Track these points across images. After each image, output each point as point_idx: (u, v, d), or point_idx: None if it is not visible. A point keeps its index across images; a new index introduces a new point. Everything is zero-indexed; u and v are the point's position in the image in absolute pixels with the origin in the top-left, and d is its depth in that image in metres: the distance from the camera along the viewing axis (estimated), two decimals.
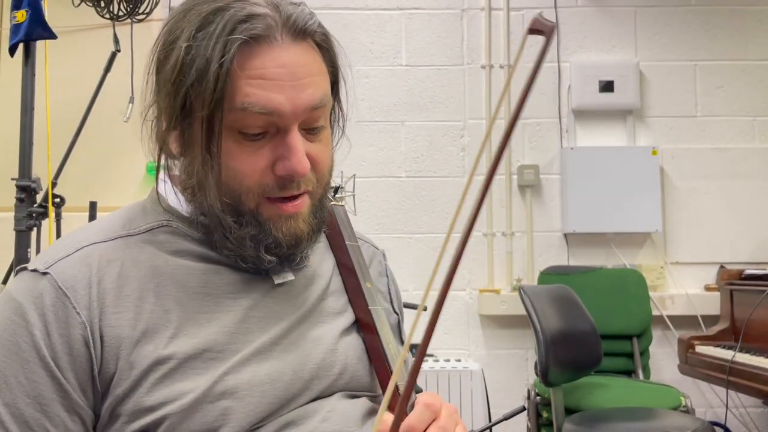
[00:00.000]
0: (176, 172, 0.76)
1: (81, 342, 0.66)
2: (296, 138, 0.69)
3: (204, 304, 0.70)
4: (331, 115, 0.78)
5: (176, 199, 0.76)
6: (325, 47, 0.74)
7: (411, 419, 0.65)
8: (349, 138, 0.81)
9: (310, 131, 0.72)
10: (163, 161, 0.74)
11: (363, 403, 0.75)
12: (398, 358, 0.75)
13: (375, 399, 0.78)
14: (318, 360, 0.73)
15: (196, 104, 0.68)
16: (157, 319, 0.68)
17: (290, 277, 0.76)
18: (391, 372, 0.75)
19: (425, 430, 0.65)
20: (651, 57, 2.94)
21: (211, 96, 0.66)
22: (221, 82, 0.66)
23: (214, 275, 0.72)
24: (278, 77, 0.67)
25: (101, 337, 0.66)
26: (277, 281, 0.75)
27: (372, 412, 0.75)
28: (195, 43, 0.67)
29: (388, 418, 0.64)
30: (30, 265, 0.70)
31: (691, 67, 2.94)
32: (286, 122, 0.69)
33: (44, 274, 0.68)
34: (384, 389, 0.76)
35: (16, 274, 0.71)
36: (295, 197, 0.71)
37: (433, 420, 0.66)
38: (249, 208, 0.70)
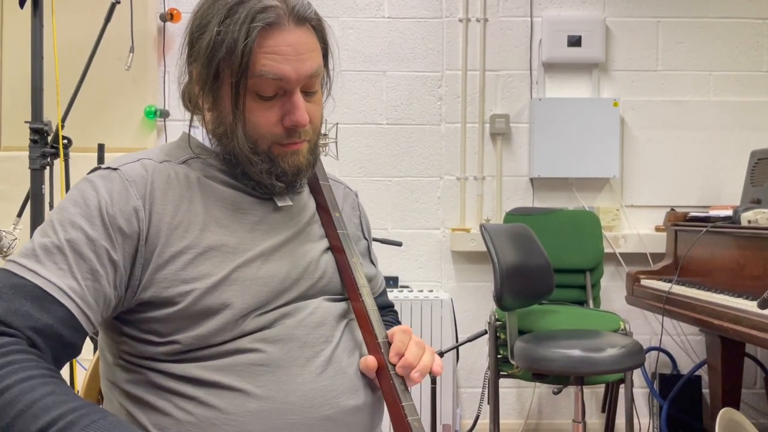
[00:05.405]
0: (206, 121, 1.02)
1: (135, 217, 0.90)
2: (299, 98, 0.95)
3: (224, 213, 0.97)
4: (321, 81, 1.04)
5: (205, 140, 1.02)
6: (318, 29, 1.00)
7: (396, 344, 0.98)
8: (333, 96, 1.07)
9: (307, 94, 0.97)
10: (188, 115, 1.01)
11: (340, 305, 1.03)
12: (362, 270, 1.03)
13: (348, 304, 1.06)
14: (305, 265, 1.01)
15: (225, 73, 0.94)
16: (191, 217, 0.95)
17: (289, 202, 1.03)
18: (357, 284, 1.02)
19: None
20: (617, 13, 3.13)
21: (238, 67, 0.92)
22: (246, 56, 0.92)
23: (233, 195, 0.99)
24: (286, 53, 0.93)
25: (149, 218, 0.92)
26: (279, 204, 1.02)
27: (346, 314, 1.03)
28: (224, 28, 0.92)
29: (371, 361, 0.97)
30: (103, 166, 0.96)
31: (654, 23, 3.14)
32: (291, 86, 0.94)
33: (115, 170, 0.94)
34: (351, 297, 1.04)
35: (90, 173, 0.96)
36: (296, 143, 0.97)
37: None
38: (263, 150, 0.97)
